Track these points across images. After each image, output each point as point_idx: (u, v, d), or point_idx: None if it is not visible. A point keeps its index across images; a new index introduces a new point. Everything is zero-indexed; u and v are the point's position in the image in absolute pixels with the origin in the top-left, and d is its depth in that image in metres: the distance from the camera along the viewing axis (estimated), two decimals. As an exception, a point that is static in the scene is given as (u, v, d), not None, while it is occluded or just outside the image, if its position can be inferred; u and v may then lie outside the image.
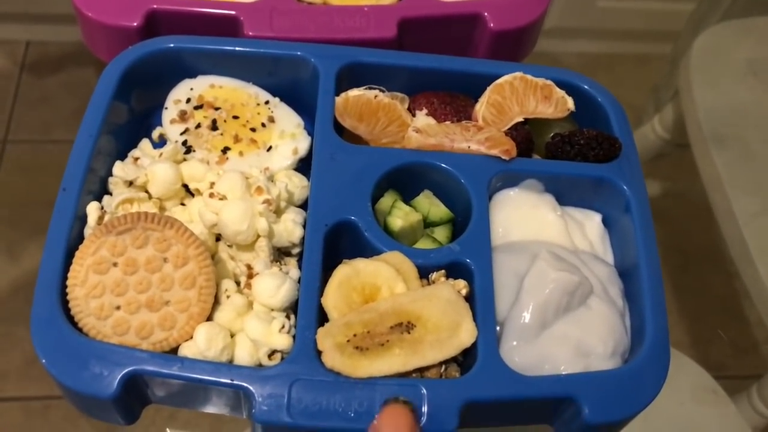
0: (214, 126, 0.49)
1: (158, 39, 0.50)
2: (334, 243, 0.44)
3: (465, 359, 0.41)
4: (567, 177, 0.48)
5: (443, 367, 0.40)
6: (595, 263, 0.46)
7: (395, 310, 0.40)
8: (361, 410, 0.37)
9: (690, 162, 0.82)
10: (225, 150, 0.48)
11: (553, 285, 0.42)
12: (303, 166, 0.49)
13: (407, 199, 0.48)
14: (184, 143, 0.48)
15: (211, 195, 0.43)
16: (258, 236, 0.43)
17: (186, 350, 0.40)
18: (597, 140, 0.48)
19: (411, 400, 0.37)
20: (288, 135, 0.50)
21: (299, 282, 0.42)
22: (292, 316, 0.42)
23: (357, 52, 0.51)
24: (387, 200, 0.47)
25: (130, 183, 0.46)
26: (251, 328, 0.40)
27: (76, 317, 0.39)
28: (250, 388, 0.37)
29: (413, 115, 0.50)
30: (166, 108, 0.50)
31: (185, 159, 0.48)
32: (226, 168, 0.47)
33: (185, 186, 0.47)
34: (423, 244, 0.46)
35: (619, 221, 0.48)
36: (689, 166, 0.83)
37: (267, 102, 0.51)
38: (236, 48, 0.50)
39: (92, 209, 0.43)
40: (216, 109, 0.50)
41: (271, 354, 0.40)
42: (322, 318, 0.41)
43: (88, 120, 0.46)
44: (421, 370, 0.40)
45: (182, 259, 0.40)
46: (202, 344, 0.39)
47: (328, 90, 0.49)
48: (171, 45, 0.50)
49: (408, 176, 0.47)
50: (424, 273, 0.43)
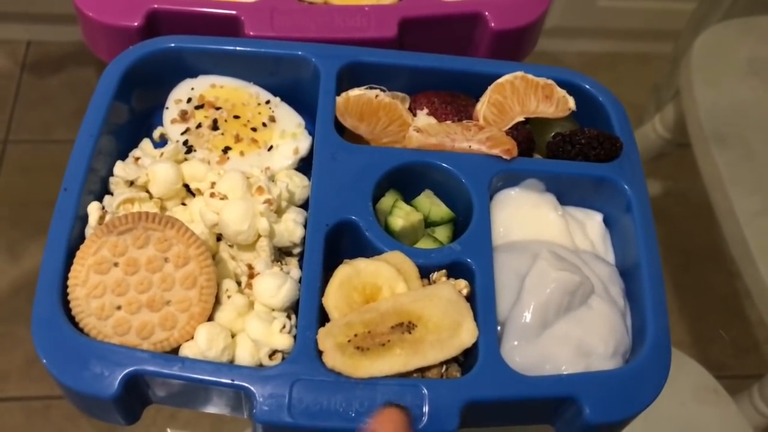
0: (215, 126, 0.49)
1: (159, 39, 0.50)
2: (335, 243, 0.44)
3: (466, 359, 0.41)
4: (568, 176, 0.48)
5: (444, 367, 0.40)
6: (596, 263, 0.46)
7: (396, 310, 0.40)
8: (362, 410, 0.37)
9: (691, 161, 0.82)
10: (226, 150, 0.48)
11: (554, 285, 0.42)
12: (304, 166, 0.49)
13: (408, 199, 0.48)
14: (185, 143, 0.48)
15: (212, 195, 0.43)
16: (259, 236, 0.43)
17: (187, 350, 0.40)
18: (598, 140, 0.48)
19: (407, 406, 0.36)
20: (289, 135, 0.50)
21: (300, 282, 0.42)
22: (293, 316, 0.42)
23: (358, 52, 0.51)
24: (388, 200, 0.47)
25: (131, 183, 0.46)
26: (252, 328, 0.40)
27: (77, 317, 0.39)
28: (251, 389, 0.37)
29: (414, 115, 0.50)
30: (167, 108, 0.50)
31: (186, 159, 0.48)
32: (227, 168, 0.47)
33: (186, 186, 0.47)
34: (424, 244, 0.46)
35: (620, 221, 0.48)
36: (690, 166, 0.83)
37: (268, 102, 0.51)
38: (237, 48, 0.50)
39: (93, 209, 0.43)
40: (217, 109, 0.50)
41: (272, 354, 0.40)
42: (323, 318, 0.41)
43: (89, 120, 0.46)
44: (422, 370, 0.39)
45: (183, 259, 0.40)
46: (203, 344, 0.39)
47: (329, 90, 0.49)
48: (172, 45, 0.50)
49: (409, 176, 0.47)
50: (425, 273, 0.43)
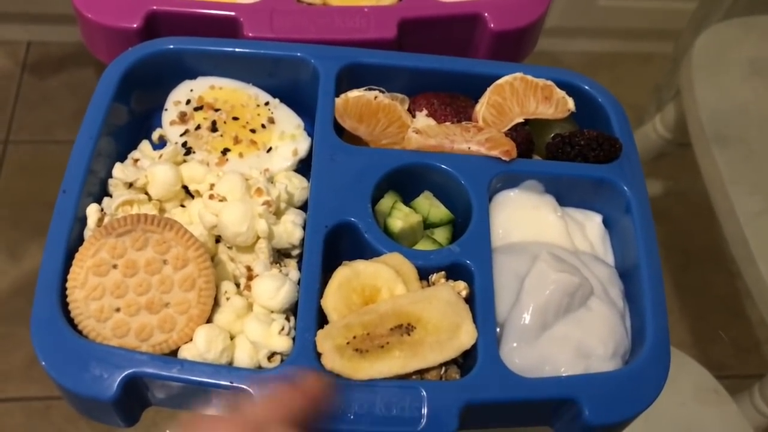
0: (214, 127, 0.49)
1: (158, 40, 0.50)
2: (334, 244, 0.44)
3: (465, 361, 0.41)
4: (567, 178, 0.48)
5: (443, 369, 0.40)
6: (596, 264, 0.46)
7: (395, 312, 0.40)
8: (361, 412, 0.37)
9: (691, 161, 0.82)
10: (225, 151, 0.48)
11: (554, 286, 0.42)
12: (303, 168, 0.49)
13: (407, 201, 0.48)
14: (184, 145, 0.48)
15: (211, 196, 0.43)
16: (258, 238, 0.43)
17: (186, 352, 0.40)
18: (597, 141, 0.48)
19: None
20: (288, 136, 0.50)
21: (299, 284, 0.42)
22: (292, 318, 0.42)
23: (357, 53, 0.51)
24: (387, 201, 0.47)
25: (130, 185, 0.46)
26: (251, 330, 0.40)
27: (76, 319, 0.39)
28: (250, 390, 0.37)
29: (413, 116, 0.50)
30: (166, 109, 0.50)
31: (185, 160, 0.48)
32: (226, 169, 0.47)
33: (185, 187, 0.47)
34: (423, 246, 0.46)
35: (620, 222, 0.48)
36: (691, 166, 0.83)
37: (267, 103, 0.51)
38: (236, 49, 0.50)
39: (92, 211, 0.43)
40: (216, 111, 0.50)
41: (271, 356, 0.40)
42: (322, 320, 0.41)
43: (88, 121, 0.46)
44: (421, 372, 0.39)
45: (182, 261, 0.40)
46: (202, 346, 0.39)
47: (328, 91, 0.49)
48: (171, 46, 0.50)
49: (408, 177, 0.47)
50: (425, 274, 0.43)
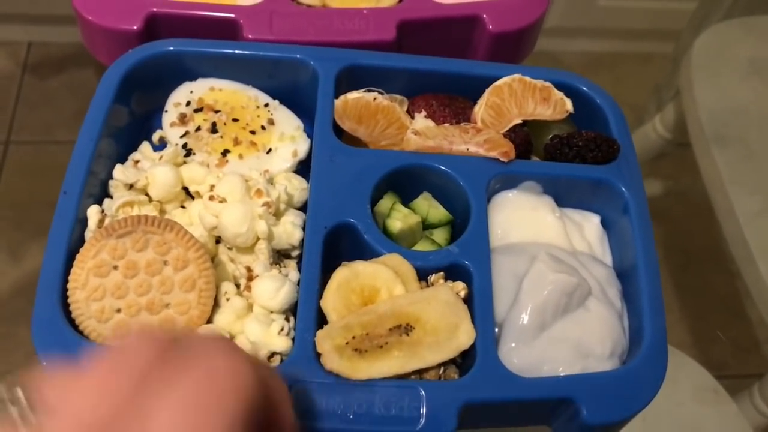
0: (214, 129, 0.49)
1: (158, 42, 0.50)
2: (334, 245, 0.44)
3: (464, 361, 0.41)
4: (565, 179, 0.48)
5: (442, 369, 0.40)
6: (594, 265, 0.46)
7: (394, 312, 0.40)
8: (361, 412, 0.37)
9: (691, 161, 0.82)
10: (225, 153, 0.48)
11: (552, 286, 0.42)
12: (302, 169, 0.49)
13: (406, 201, 0.48)
14: (184, 146, 0.49)
15: (211, 198, 0.44)
16: (258, 239, 0.44)
17: (186, 352, 0.40)
18: (595, 142, 0.48)
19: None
20: (287, 137, 0.50)
21: (299, 284, 0.42)
22: (292, 319, 0.42)
23: (356, 55, 0.51)
24: (386, 202, 0.47)
25: (131, 186, 0.46)
26: (251, 331, 0.40)
27: (77, 320, 0.40)
28: (250, 391, 0.37)
29: (412, 118, 0.50)
30: (166, 111, 0.50)
31: (185, 162, 0.48)
32: (226, 171, 0.47)
33: (185, 189, 0.47)
34: (422, 246, 0.46)
35: (618, 222, 0.48)
36: (690, 166, 0.83)
37: (267, 105, 0.51)
38: (236, 51, 0.51)
39: (93, 212, 0.43)
40: (216, 112, 0.50)
41: (271, 356, 0.40)
42: (322, 320, 0.41)
43: (89, 123, 0.46)
44: (420, 372, 0.40)
45: (182, 262, 0.41)
46: (202, 347, 0.39)
47: (328, 92, 0.49)
48: (171, 48, 0.50)
49: (407, 178, 0.47)
50: (423, 275, 0.43)
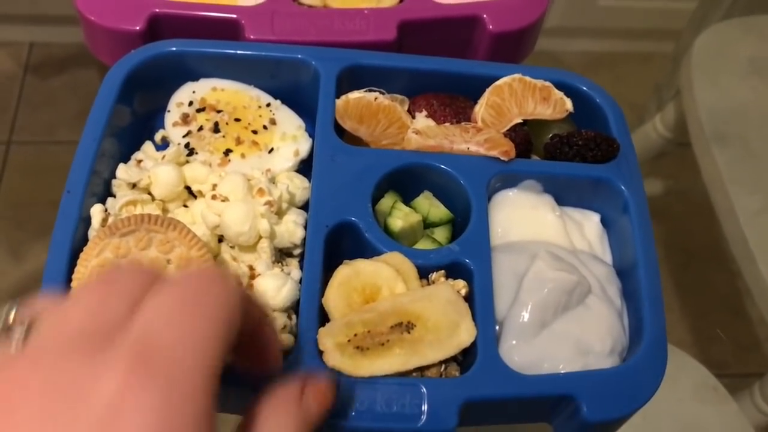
0: (216, 128, 0.49)
1: (161, 43, 0.51)
2: (335, 244, 0.44)
3: (465, 358, 0.41)
4: (565, 177, 0.48)
5: (443, 367, 0.41)
6: (594, 263, 0.46)
7: (395, 310, 0.41)
8: (362, 409, 0.37)
9: (691, 160, 0.83)
10: (227, 152, 0.49)
11: (552, 285, 0.42)
12: (304, 168, 0.50)
13: (407, 200, 0.48)
14: (187, 145, 0.49)
15: (214, 197, 0.44)
16: (260, 237, 0.44)
17: (189, 350, 0.40)
18: (595, 141, 0.48)
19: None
20: (289, 137, 0.50)
21: (300, 282, 0.42)
22: (294, 316, 0.42)
23: (357, 55, 0.51)
24: (387, 201, 0.47)
25: (134, 185, 0.46)
26: (253, 329, 0.41)
27: (81, 318, 0.40)
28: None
29: (413, 117, 0.51)
30: (169, 111, 0.51)
31: (188, 161, 0.48)
32: (228, 170, 0.47)
33: (188, 188, 0.47)
34: (423, 245, 0.46)
35: (618, 221, 0.48)
36: (691, 165, 0.83)
37: (268, 104, 0.52)
38: (238, 51, 0.51)
39: (96, 211, 0.44)
40: (218, 112, 0.50)
41: (273, 354, 0.41)
42: (323, 318, 0.41)
43: (92, 123, 0.46)
44: (422, 370, 0.40)
45: (185, 261, 0.41)
46: (205, 344, 0.40)
47: (329, 92, 0.49)
48: (173, 48, 0.50)
49: (408, 177, 0.48)
50: (424, 273, 0.43)
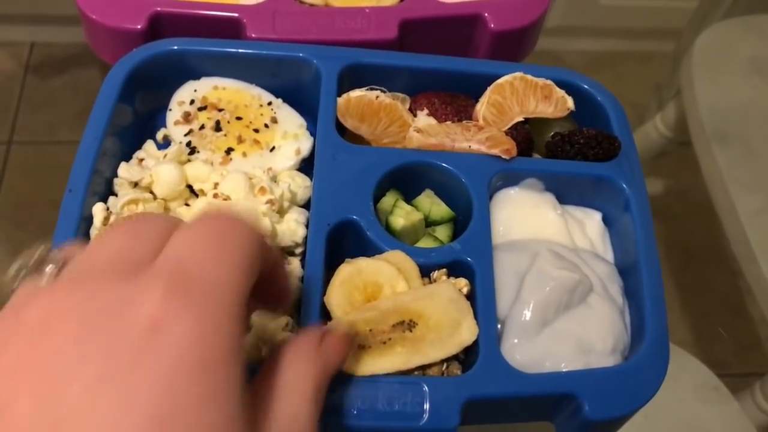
0: (218, 127, 0.50)
1: (162, 41, 0.51)
2: (337, 242, 0.44)
3: (466, 357, 0.41)
4: (567, 176, 0.48)
5: (445, 365, 0.41)
6: (595, 261, 0.46)
7: (397, 309, 0.41)
8: (364, 408, 0.37)
9: (692, 160, 0.83)
10: (228, 151, 0.49)
11: (554, 283, 0.42)
12: (306, 167, 0.50)
13: (409, 199, 0.48)
14: (188, 144, 0.49)
15: (215, 195, 0.44)
16: (261, 236, 0.44)
17: (191, 349, 0.40)
18: (596, 139, 0.48)
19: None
20: (291, 135, 0.50)
21: (302, 281, 0.42)
22: (296, 315, 0.42)
23: (358, 54, 0.51)
24: (389, 200, 0.47)
25: (135, 184, 0.46)
26: (256, 326, 0.41)
27: (83, 317, 0.40)
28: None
29: (414, 116, 0.51)
30: (170, 109, 0.51)
31: (189, 160, 0.48)
32: (230, 168, 0.48)
33: (189, 187, 0.47)
34: (424, 243, 0.46)
35: (619, 219, 0.48)
36: (691, 164, 0.83)
37: (270, 103, 0.52)
38: (239, 50, 0.51)
39: (98, 210, 0.44)
40: (219, 111, 0.50)
41: (275, 352, 0.41)
42: (325, 316, 0.41)
43: (93, 122, 0.46)
44: (423, 368, 0.40)
45: (186, 259, 0.41)
46: (207, 343, 0.40)
47: (330, 91, 0.49)
48: (175, 47, 0.50)
49: (409, 176, 0.48)
50: (426, 272, 0.43)
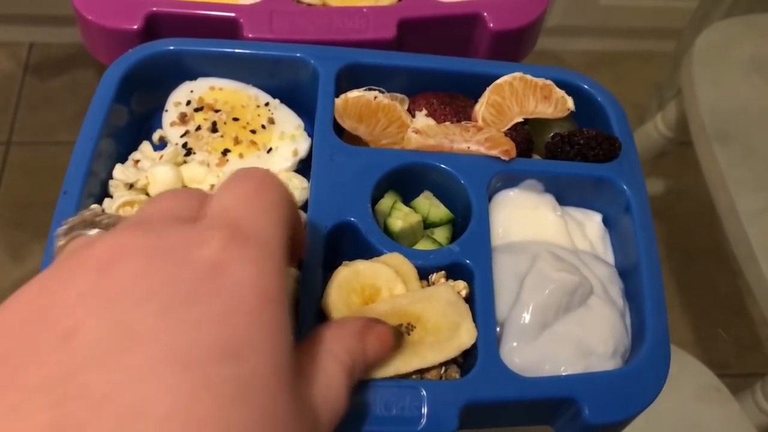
0: (214, 128, 0.49)
1: (158, 42, 0.50)
2: (334, 244, 0.44)
3: (465, 360, 0.41)
4: (567, 177, 0.48)
5: (443, 369, 0.40)
6: (596, 263, 0.46)
7: (395, 312, 0.40)
8: (361, 412, 0.37)
9: (693, 160, 0.82)
10: (225, 152, 0.48)
11: (553, 285, 0.42)
12: (303, 168, 0.49)
13: (407, 200, 0.48)
14: (185, 145, 0.48)
15: (211, 197, 0.44)
16: (258, 238, 0.43)
17: (187, 352, 0.40)
18: (596, 140, 0.48)
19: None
20: (288, 136, 0.50)
21: (299, 283, 0.42)
22: (293, 318, 0.42)
23: (356, 54, 0.51)
24: (387, 201, 0.47)
25: (131, 186, 0.46)
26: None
27: (77, 320, 0.39)
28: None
29: (413, 116, 0.50)
30: (167, 110, 0.50)
31: (185, 161, 0.48)
32: (227, 170, 0.47)
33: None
34: (423, 245, 0.46)
35: (620, 221, 0.48)
36: (692, 164, 0.83)
37: (267, 104, 0.51)
38: (236, 50, 0.50)
39: (93, 212, 0.43)
40: (216, 112, 0.50)
41: (272, 356, 0.40)
42: (322, 320, 0.41)
43: (89, 123, 0.46)
44: (421, 372, 0.40)
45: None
46: (203, 346, 0.39)
47: (328, 91, 0.49)
48: (171, 47, 0.50)
49: (408, 177, 0.47)
50: (424, 274, 0.43)
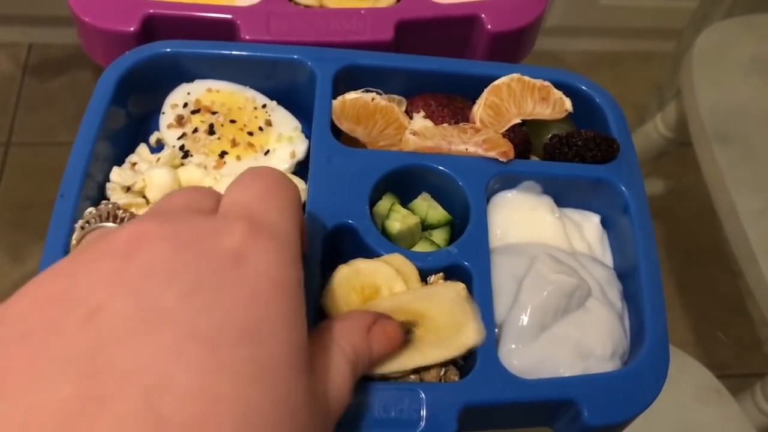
0: (212, 130, 0.49)
1: (155, 44, 0.50)
2: (333, 246, 0.44)
3: (464, 362, 0.41)
4: (565, 178, 0.48)
5: (443, 371, 0.40)
6: (594, 265, 0.45)
7: (397, 309, 0.40)
8: (359, 414, 0.37)
9: (693, 160, 0.82)
10: (222, 154, 0.48)
11: (552, 287, 0.42)
12: (301, 170, 0.49)
13: (405, 202, 0.48)
14: (182, 148, 0.48)
15: (209, 200, 0.43)
16: (255, 240, 0.43)
17: (184, 355, 0.40)
18: (595, 141, 0.47)
19: None
20: (285, 138, 0.50)
21: (298, 285, 0.42)
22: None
23: (354, 55, 0.51)
24: (385, 203, 0.47)
25: (128, 188, 0.46)
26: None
27: (74, 323, 0.39)
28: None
29: (410, 118, 0.50)
30: (164, 113, 0.50)
31: (183, 164, 0.48)
32: (224, 172, 0.47)
33: (183, 191, 0.47)
34: (421, 247, 0.46)
35: (618, 222, 0.48)
36: (692, 165, 0.83)
37: (264, 106, 0.51)
38: (233, 52, 0.50)
39: (90, 215, 0.43)
40: (213, 114, 0.50)
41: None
42: (322, 318, 0.41)
43: (86, 125, 0.46)
44: (421, 374, 0.39)
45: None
46: (200, 349, 0.39)
47: (325, 93, 0.49)
48: (168, 50, 0.50)
49: (406, 179, 0.47)
50: (423, 276, 0.43)
